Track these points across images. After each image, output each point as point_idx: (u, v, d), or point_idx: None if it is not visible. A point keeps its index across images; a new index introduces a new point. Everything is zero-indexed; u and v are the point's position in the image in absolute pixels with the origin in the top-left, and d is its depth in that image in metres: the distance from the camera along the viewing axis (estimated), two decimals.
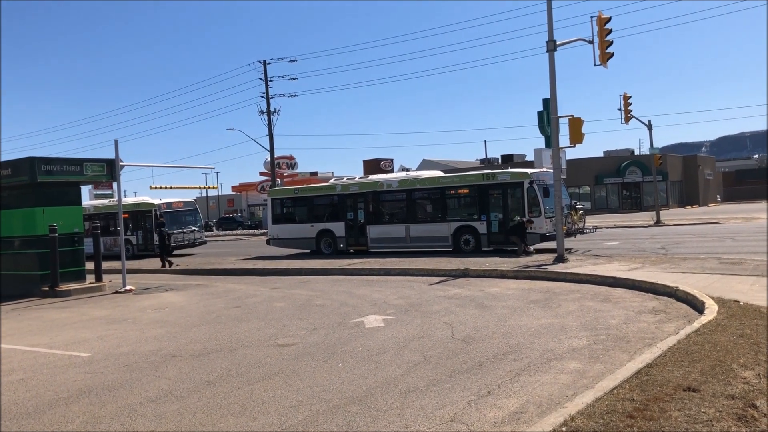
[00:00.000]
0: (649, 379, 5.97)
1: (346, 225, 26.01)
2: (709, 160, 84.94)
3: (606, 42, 19.51)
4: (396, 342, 9.20)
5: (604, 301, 11.71)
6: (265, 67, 54.60)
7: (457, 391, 6.58)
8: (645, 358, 6.70)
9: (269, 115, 54.44)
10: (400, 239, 24.65)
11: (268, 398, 6.78)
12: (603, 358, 7.49)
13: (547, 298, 12.48)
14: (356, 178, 27.94)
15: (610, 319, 9.89)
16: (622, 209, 62.28)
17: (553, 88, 19.35)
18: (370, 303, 13.20)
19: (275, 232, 28.37)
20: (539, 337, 8.95)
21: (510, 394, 6.34)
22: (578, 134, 19.32)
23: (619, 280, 13.67)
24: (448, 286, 15.32)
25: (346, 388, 6.97)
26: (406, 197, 24.96)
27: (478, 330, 9.71)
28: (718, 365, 6.31)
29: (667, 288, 11.99)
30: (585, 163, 63.41)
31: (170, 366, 8.63)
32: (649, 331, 8.81)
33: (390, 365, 7.85)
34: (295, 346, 9.37)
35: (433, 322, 10.63)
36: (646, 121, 39.47)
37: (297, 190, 29.08)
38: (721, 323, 8.28)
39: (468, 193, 23.93)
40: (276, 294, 15.73)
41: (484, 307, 11.90)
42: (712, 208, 64.32)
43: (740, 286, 12.03)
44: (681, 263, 16.08)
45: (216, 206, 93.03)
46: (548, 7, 19.29)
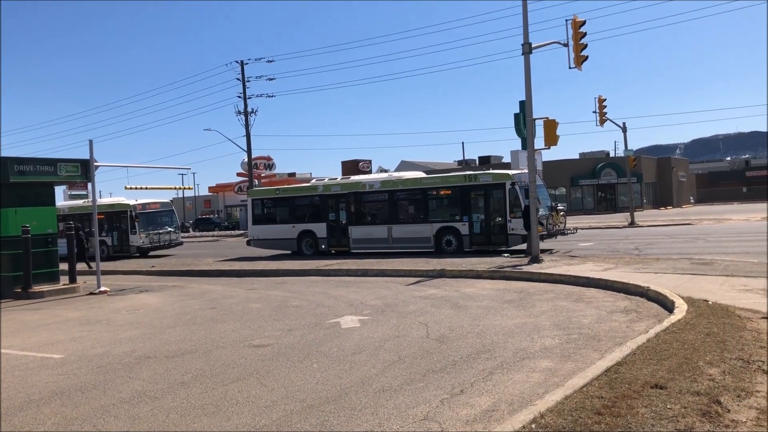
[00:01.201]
0: (618, 377, 6.09)
1: (327, 226, 26.00)
2: (682, 162, 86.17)
3: (580, 45, 19.78)
4: (371, 342, 9.24)
5: (577, 301, 11.87)
6: (243, 68, 54.46)
7: (430, 389, 6.64)
8: (615, 357, 6.82)
9: (246, 116, 54.29)
10: (382, 240, 24.71)
11: (243, 398, 6.79)
12: (574, 357, 7.60)
13: (522, 298, 12.61)
14: (338, 178, 27.98)
15: (583, 319, 10.04)
16: (597, 210, 62.97)
17: (529, 90, 19.55)
18: (346, 304, 13.23)
19: (256, 232, 28.27)
20: (513, 336, 9.05)
21: (482, 392, 6.42)
22: (553, 136, 19.53)
23: (592, 281, 13.86)
24: (424, 286, 15.40)
25: (320, 387, 7.00)
26: (389, 198, 25.03)
27: (453, 330, 9.80)
28: (685, 363, 6.45)
29: (638, 288, 12.18)
30: (561, 165, 64.00)
31: (144, 367, 8.59)
32: (620, 330, 8.96)
33: (365, 365, 7.90)
34: (271, 347, 9.38)
35: (408, 322, 10.70)
36: (621, 123, 40.04)
37: (278, 191, 29.02)
38: (689, 322, 8.44)
39: (450, 194, 24.05)
40: (252, 295, 15.69)
41: (460, 307, 12.00)
42: (685, 209, 65.29)
43: (710, 286, 12.26)
44: (654, 264, 16.33)
45: (193, 207, 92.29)
46: (524, 10, 19.48)
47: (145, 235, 33.11)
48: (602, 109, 35.46)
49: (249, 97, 54.63)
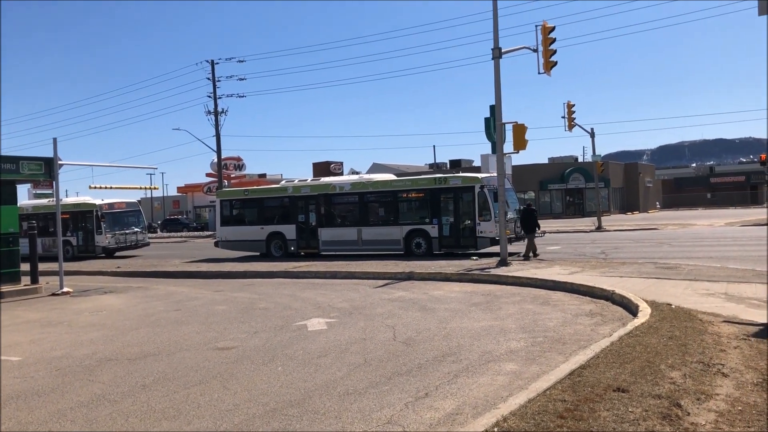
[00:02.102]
0: (581, 380, 6.12)
1: (297, 227, 25.84)
2: (649, 168, 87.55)
3: (550, 51, 19.95)
4: (338, 345, 9.18)
5: (544, 304, 11.95)
6: (213, 67, 53.92)
7: (395, 393, 6.61)
8: (578, 360, 6.86)
9: (216, 116, 53.76)
10: (352, 242, 24.63)
11: (205, 402, 6.68)
12: (539, 360, 7.63)
13: (489, 301, 12.66)
14: (308, 180, 27.79)
15: (548, 322, 10.09)
16: (565, 214, 63.66)
17: (498, 95, 19.67)
18: (314, 306, 13.14)
19: (224, 234, 27.96)
20: (479, 339, 9.07)
21: (447, 395, 6.40)
22: (522, 140, 19.66)
23: (558, 284, 13.97)
24: (393, 288, 15.37)
25: (284, 391, 6.92)
26: (359, 200, 24.96)
27: (420, 332, 9.78)
28: (648, 366, 6.51)
29: (604, 291, 12.31)
30: (530, 169, 64.61)
31: (105, 370, 8.41)
32: (585, 334, 9.03)
33: (330, 368, 7.83)
34: (235, 350, 9.26)
35: (375, 324, 10.65)
36: (589, 129, 40.51)
37: (247, 192, 28.76)
38: (653, 326, 8.54)
39: (420, 196, 24.10)
40: (218, 297, 15.50)
41: (427, 309, 11.99)
42: (651, 214, 66.31)
43: (674, 290, 12.43)
44: (619, 267, 16.53)
45: (161, 207, 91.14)
46: (494, 15, 19.60)
47: (111, 236, 32.57)
48: (571, 114, 35.91)
49: (219, 97, 54.11)
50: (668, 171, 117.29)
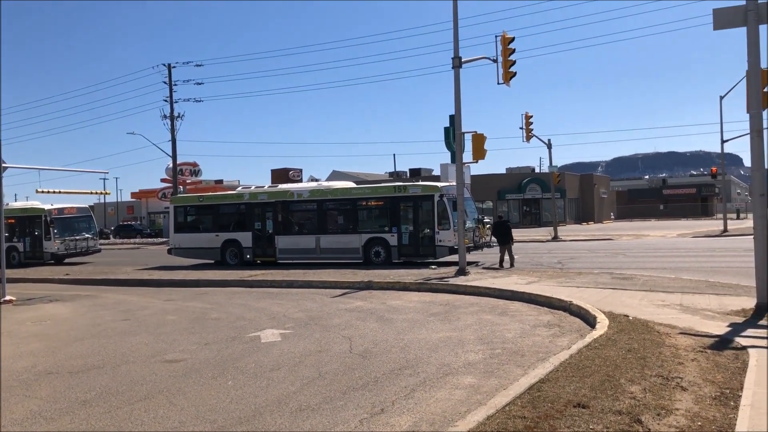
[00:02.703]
0: (541, 395, 5.97)
1: (253, 235, 25.37)
2: (604, 179, 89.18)
3: (509, 61, 20.00)
4: (292, 357, 8.89)
5: (502, 315, 11.85)
6: (170, 71, 52.87)
7: (350, 408, 6.36)
8: (538, 373, 6.72)
9: (172, 120, 52.68)
10: (310, 250, 24.28)
11: (149, 419, 6.33)
12: (498, 373, 7.48)
13: (447, 311, 12.50)
14: (265, 186, 27.32)
15: (507, 333, 9.98)
16: (522, 224, 64.24)
17: (458, 104, 19.63)
18: (268, 316, 12.79)
19: (178, 241, 27.29)
20: (437, 351, 8.88)
21: (403, 411, 6.19)
22: (481, 150, 19.67)
23: (516, 294, 13.91)
24: (350, 298, 15.11)
25: (233, 407, 6.61)
26: (317, 208, 24.64)
27: (377, 344, 9.55)
28: (607, 380, 6.40)
29: (561, 302, 12.28)
30: (488, 179, 65.09)
31: (44, 384, 7.97)
32: (544, 345, 8.93)
33: (283, 382, 7.54)
34: (184, 362, 8.88)
35: (332, 336, 10.38)
36: (546, 140, 40.97)
37: (202, 198, 28.18)
38: (611, 338, 8.48)
39: (380, 205, 23.91)
40: (169, 306, 15.02)
41: (385, 320, 11.77)
42: (606, 224, 67.45)
43: (630, 300, 12.48)
44: (576, 278, 16.59)
45: (115, 213, 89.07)
46: (455, 25, 19.59)
47: (61, 242, 31.55)
48: (529, 125, 36.19)
49: (176, 101, 53.00)
50: (622, 182, 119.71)
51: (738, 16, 11.26)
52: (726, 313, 10.68)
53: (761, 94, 11.27)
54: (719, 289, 13.71)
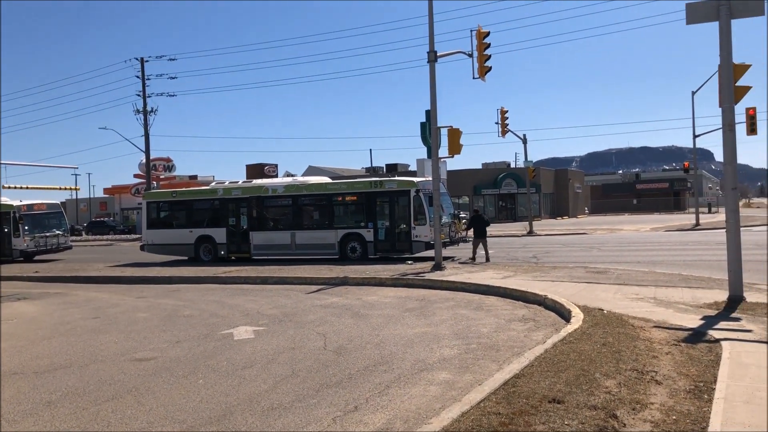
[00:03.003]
0: (516, 391, 5.91)
1: (227, 231, 25.09)
2: (578, 174, 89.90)
3: (484, 56, 19.98)
4: (265, 355, 8.74)
5: (477, 309, 11.81)
6: (143, 65, 52.11)
7: (323, 406, 6.25)
8: (513, 369, 6.66)
9: (145, 115, 51.94)
10: (285, 246, 24.07)
11: (115, 420, 6.16)
12: (473, 368, 7.41)
13: (423, 306, 12.43)
14: (239, 181, 27.01)
15: (482, 328, 9.93)
16: (498, 219, 64.48)
17: (434, 99, 19.56)
18: (242, 313, 12.61)
19: (150, 237, 26.91)
20: (412, 346, 8.80)
21: (377, 408, 6.09)
22: (456, 145, 19.66)
23: (491, 288, 13.89)
24: (326, 294, 14.98)
25: (203, 407, 6.46)
26: (292, 203, 24.43)
27: (352, 340, 9.44)
28: (582, 375, 6.36)
29: (536, 296, 12.27)
30: (465, 174, 65.27)
31: (8, 385, 7.73)
32: (519, 340, 8.89)
33: (255, 380, 7.40)
34: (154, 361, 8.70)
35: (306, 332, 10.25)
36: (522, 135, 41.11)
37: (175, 194, 27.79)
38: (585, 332, 8.46)
39: (355, 200, 23.77)
40: (141, 304, 14.75)
41: (360, 316, 11.66)
42: (580, 219, 68.02)
43: (604, 294, 12.52)
44: (551, 272, 16.63)
45: (88, 209, 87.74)
46: (430, 19, 19.50)
47: (30, 239, 30.93)
48: (504, 120, 36.28)
49: (149, 95, 52.29)
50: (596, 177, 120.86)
51: (710, 11, 11.33)
52: (699, 306, 10.75)
53: (733, 89, 11.35)
54: (692, 282, 13.82)
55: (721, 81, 11.42)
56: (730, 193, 11.40)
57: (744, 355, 7.20)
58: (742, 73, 11.59)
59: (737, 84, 11.50)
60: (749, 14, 11.37)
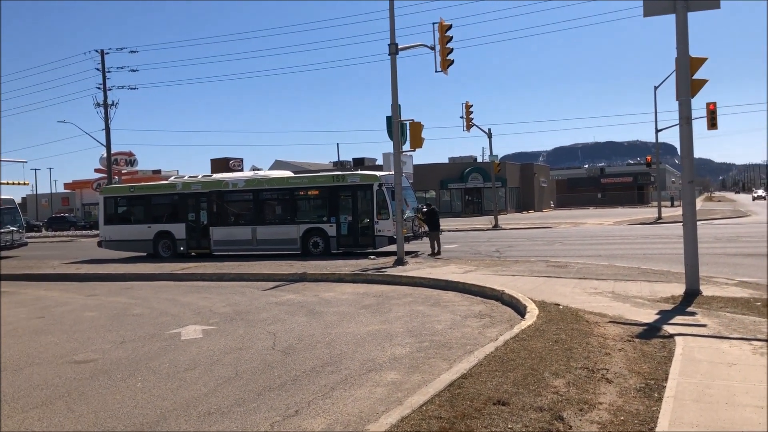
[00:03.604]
0: (461, 392, 5.68)
1: (187, 226, 24.56)
2: (543, 168, 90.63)
3: (447, 49, 19.75)
4: (210, 355, 8.41)
5: (434, 305, 11.60)
6: (103, 57, 50.90)
7: (262, 411, 5.96)
8: (461, 368, 6.44)
9: (106, 108, 50.76)
10: (245, 242, 23.65)
11: (41, 428, 5.79)
12: (422, 368, 7.18)
13: (380, 303, 12.19)
14: (199, 176, 26.44)
15: (437, 324, 9.72)
16: (465, 213, 64.71)
17: (395, 92, 19.31)
18: (193, 311, 12.22)
19: (108, 233, 26.25)
20: (363, 345, 8.54)
21: (319, 412, 5.82)
22: (418, 139, 19.43)
23: (450, 284, 13.71)
24: (282, 291, 14.65)
25: (137, 412, 6.12)
26: (253, 198, 24.00)
27: (302, 339, 9.15)
28: (531, 374, 6.17)
29: (494, 291, 12.11)
30: (431, 169, 65.30)
31: None
32: (473, 337, 8.69)
33: (196, 383, 7.07)
34: (94, 363, 8.30)
35: (256, 331, 9.93)
36: (487, 129, 41.12)
37: (133, 188, 27.14)
38: (539, 328, 8.30)
39: (317, 194, 23.46)
40: (91, 302, 14.26)
41: (315, 313, 11.37)
42: (546, 213, 68.57)
43: (563, 288, 12.43)
44: (512, 266, 16.53)
45: (49, 205, 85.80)
46: (391, 11, 19.23)
47: None
48: (469, 114, 36.21)
49: (109, 88, 51.10)
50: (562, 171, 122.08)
51: (667, 3, 11.25)
52: (656, 300, 10.70)
53: (690, 81, 11.30)
54: (651, 276, 13.81)
55: (678, 74, 11.36)
56: (687, 186, 11.36)
57: (697, 351, 7.10)
58: (699, 66, 11.52)
59: (694, 77, 11.43)
60: (706, 7, 11.34)
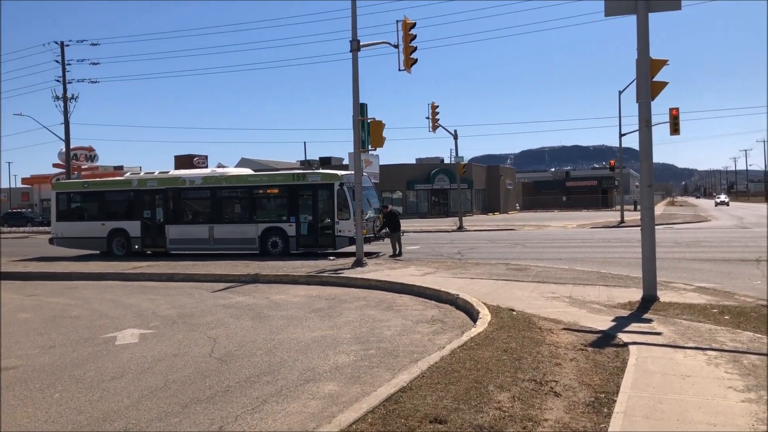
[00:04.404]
0: (396, 409, 5.26)
1: (142, 224, 23.83)
2: (510, 170, 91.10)
3: (410, 47, 19.38)
4: (142, 362, 7.87)
5: (387, 309, 11.19)
6: (62, 49, 49.47)
7: (184, 426, 5.48)
8: (401, 381, 6.02)
9: (65, 102, 49.35)
10: (203, 241, 23.01)
11: None
12: (364, 378, 6.76)
13: (331, 306, 11.74)
14: (155, 172, 25.65)
15: (386, 330, 9.30)
16: (431, 214, 64.55)
17: (356, 89, 18.88)
18: (135, 314, 11.62)
19: (60, 230, 25.36)
20: (306, 353, 8.08)
21: (244, 428, 5.35)
22: (379, 137, 19.04)
23: (406, 287, 13.32)
24: (233, 293, 14.10)
25: (47, 428, 5.59)
26: (211, 195, 23.35)
27: (243, 345, 8.66)
28: (474, 388, 5.78)
29: (449, 295, 11.74)
30: (398, 169, 65.06)
31: None
32: (421, 344, 8.29)
33: (120, 394, 6.54)
34: (15, 371, 7.70)
35: (196, 336, 9.40)
36: (453, 130, 40.89)
37: (87, 184, 26.24)
38: (489, 336, 7.94)
39: (277, 193, 22.97)
40: (28, 303, 13.53)
41: (262, 317, 10.87)
42: (511, 215, 68.77)
43: (521, 293, 12.15)
44: (472, 269, 16.24)
45: (8, 200, 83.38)
46: (353, 8, 18.82)
47: None
48: (435, 115, 35.92)
49: (69, 81, 49.77)
50: (529, 174, 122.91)
51: (628, 4, 11.04)
52: (613, 306, 10.46)
53: (650, 84, 11.09)
54: (610, 280, 13.63)
55: (638, 75, 11.15)
56: (646, 190, 11.15)
57: (650, 362, 6.81)
58: (660, 67, 11.32)
59: (655, 79, 11.23)
60: (667, 8, 11.15)
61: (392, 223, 21.85)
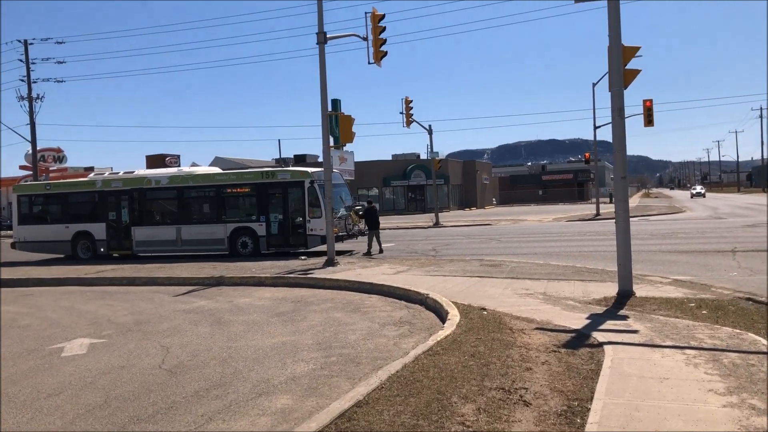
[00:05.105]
0: (349, 428, 4.77)
1: (107, 226, 23.09)
2: (486, 165, 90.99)
3: (380, 40, 18.88)
4: (85, 376, 7.29)
5: (354, 311, 10.69)
6: (26, 47, 48.30)
7: None
8: (357, 394, 5.52)
9: (31, 102, 48.19)
10: (170, 242, 22.33)
11: None
12: (321, 390, 6.26)
13: (296, 310, 11.20)
14: (120, 173, 24.88)
15: (351, 334, 8.81)
16: (407, 210, 64.15)
17: (324, 83, 18.37)
18: (89, 322, 11.00)
19: (23, 234, 24.48)
20: (263, 362, 7.56)
21: None
22: (348, 133, 18.57)
23: (375, 287, 12.82)
24: (195, 297, 13.51)
25: None
26: (178, 195, 22.67)
27: (197, 354, 8.11)
28: (436, 400, 5.30)
29: (419, 295, 11.27)
30: (374, 166, 64.55)
31: None
32: (386, 350, 7.81)
33: (53, 414, 5.99)
34: None
35: (148, 345, 8.83)
36: (428, 126, 40.50)
37: (49, 186, 25.37)
38: (456, 339, 7.47)
39: (246, 192, 22.33)
40: None
41: (222, 323, 10.32)
42: (487, 210, 68.63)
43: (494, 290, 11.75)
44: (446, 265, 15.82)
45: None
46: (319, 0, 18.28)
47: None
48: (409, 110, 35.49)
49: (34, 81, 48.58)
50: (505, 169, 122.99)
51: None
52: (588, 302, 10.10)
53: (622, 71, 10.74)
54: (585, 275, 13.31)
55: (610, 63, 10.80)
56: (620, 182, 10.78)
57: (626, 363, 6.41)
58: (632, 55, 10.95)
59: (627, 67, 10.87)
60: None
61: (371, 220, 21.37)
